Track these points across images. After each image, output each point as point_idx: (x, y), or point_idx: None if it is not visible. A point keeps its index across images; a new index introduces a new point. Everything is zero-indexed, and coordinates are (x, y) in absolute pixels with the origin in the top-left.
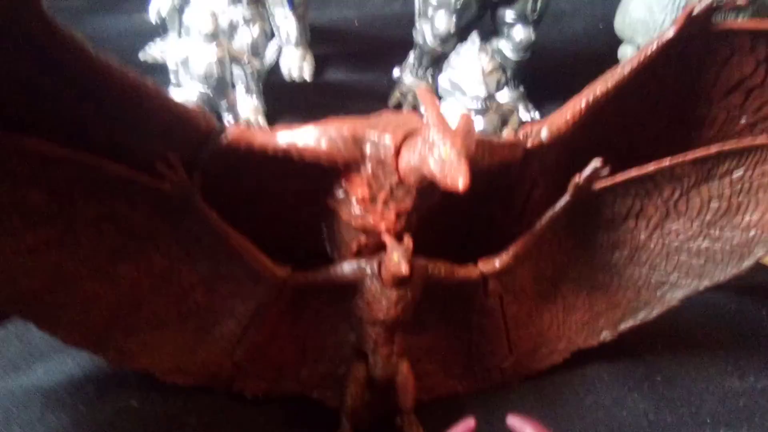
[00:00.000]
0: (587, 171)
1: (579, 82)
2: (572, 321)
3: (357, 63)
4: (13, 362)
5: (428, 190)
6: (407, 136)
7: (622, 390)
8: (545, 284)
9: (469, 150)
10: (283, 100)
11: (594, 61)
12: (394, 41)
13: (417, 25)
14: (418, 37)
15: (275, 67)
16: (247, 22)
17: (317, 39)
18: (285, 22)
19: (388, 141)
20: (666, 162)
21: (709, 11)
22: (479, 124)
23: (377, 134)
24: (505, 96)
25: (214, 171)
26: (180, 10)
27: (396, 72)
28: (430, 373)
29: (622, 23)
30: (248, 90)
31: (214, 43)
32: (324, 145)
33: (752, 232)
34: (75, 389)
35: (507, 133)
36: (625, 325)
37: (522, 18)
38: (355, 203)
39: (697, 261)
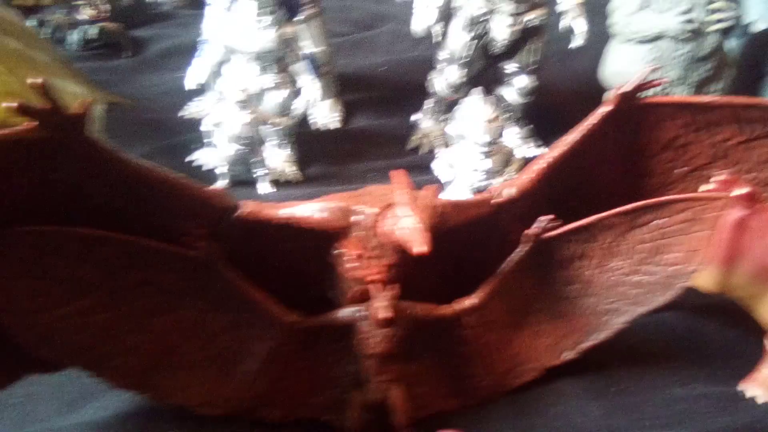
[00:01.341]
0: (536, 226)
1: (578, 119)
2: (539, 344)
3: (382, 108)
4: (70, 402)
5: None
6: (385, 208)
7: (583, 400)
8: (515, 315)
9: (428, 221)
10: (315, 148)
11: (590, 100)
12: (417, 85)
13: (431, 76)
14: (433, 86)
15: (306, 117)
16: (276, 86)
17: (346, 86)
18: (310, 86)
19: (369, 212)
20: (599, 216)
21: (636, 89)
22: (486, 164)
23: (361, 207)
24: (514, 134)
25: (233, 238)
26: (216, 73)
27: (415, 117)
28: (422, 394)
29: (603, 73)
30: (279, 145)
31: (246, 109)
32: (317, 216)
33: (675, 268)
34: (121, 423)
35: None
36: (582, 346)
37: (522, 68)
38: (348, 260)
39: (634, 291)
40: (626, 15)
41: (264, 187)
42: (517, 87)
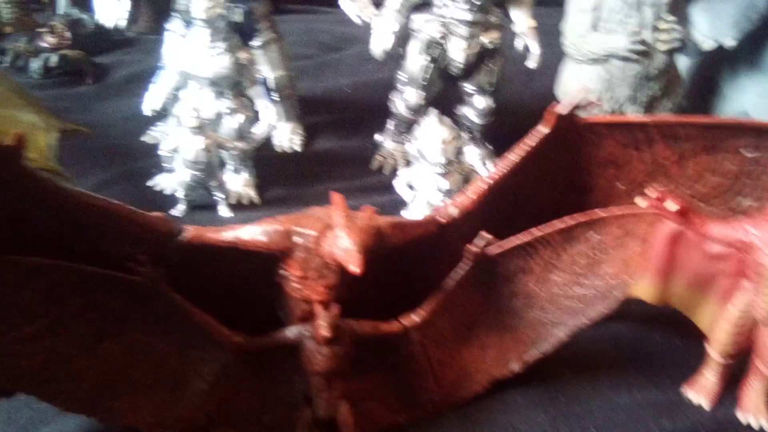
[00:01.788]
0: (476, 244)
1: None
2: (487, 357)
3: (346, 130)
4: (22, 427)
5: None
6: (324, 229)
7: (530, 409)
8: (462, 329)
9: (364, 242)
10: (276, 170)
11: None
12: (381, 106)
13: (392, 97)
14: (393, 107)
15: (270, 140)
16: (231, 111)
17: (310, 108)
18: (266, 111)
19: (309, 233)
20: (538, 233)
21: (572, 109)
22: (444, 184)
23: (302, 229)
24: (474, 153)
25: (180, 262)
26: (174, 99)
27: (378, 137)
28: (373, 409)
29: (558, 93)
30: (236, 169)
31: (200, 134)
32: (259, 238)
33: (612, 280)
34: None
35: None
36: (528, 358)
37: (480, 89)
38: (292, 281)
39: (574, 303)
40: (577, 36)
41: (223, 211)
42: (475, 108)
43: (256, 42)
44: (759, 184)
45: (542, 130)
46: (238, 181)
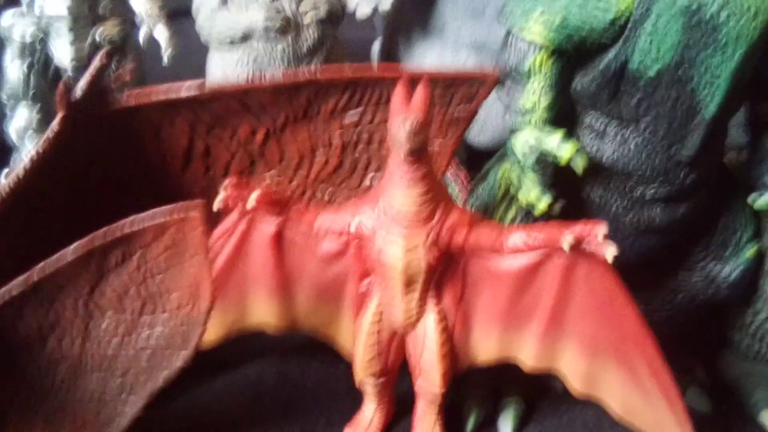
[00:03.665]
0: None
1: None
2: None
3: None
4: None
5: None
6: None
7: None
8: None
9: None
10: None
11: None
12: None
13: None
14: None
15: None
16: None
17: None
18: None
19: None
20: (38, 274)
21: (95, 92)
22: None
23: None
24: None
25: None
26: None
27: None
28: None
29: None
30: None
31: None
32: None
33: (185, 311)
34: None
35: None
36: None
37: None
38: None
39: (143, 354)
40: (208, 17)
41: None
42: None
43: None
44: (378, 154)
45: (53, 124)
46: None
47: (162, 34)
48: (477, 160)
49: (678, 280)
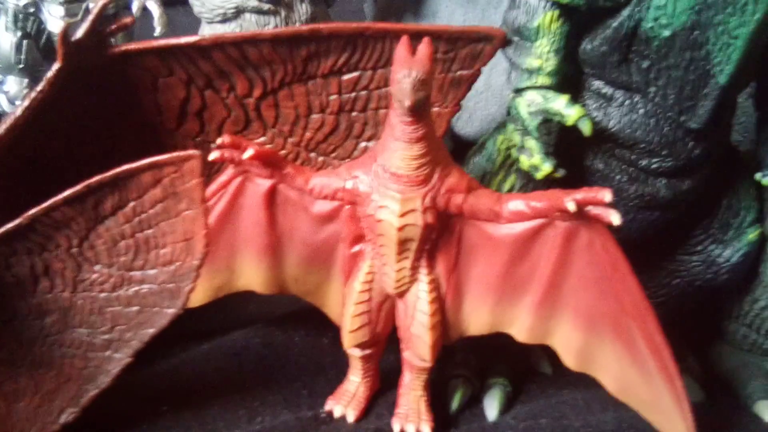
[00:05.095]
0: None
1: None
2: (22, 410)
3: None
4: None
5: None
6: None
7: None
8: None
9: None
10: None
11: None
12: None
13: None
14: None
15: None
16: None
17: None
18: None
19: None
20: (38, 210)
21: (93, 35)
22: None
23: None
24: None
25: None
26: None
27: None
28: None
29: None
30: None
31: None
32: None
33: (175, 265)
34: None
35: None
36: (87, 397)
37: None
38: None
39: (131, 310)
40: None
41: None
42: None
43: None
44: (374, 118)
45: (53, 69)
46: None
47: (154, 3)
48: (464, 152)
49: (677, 261)
